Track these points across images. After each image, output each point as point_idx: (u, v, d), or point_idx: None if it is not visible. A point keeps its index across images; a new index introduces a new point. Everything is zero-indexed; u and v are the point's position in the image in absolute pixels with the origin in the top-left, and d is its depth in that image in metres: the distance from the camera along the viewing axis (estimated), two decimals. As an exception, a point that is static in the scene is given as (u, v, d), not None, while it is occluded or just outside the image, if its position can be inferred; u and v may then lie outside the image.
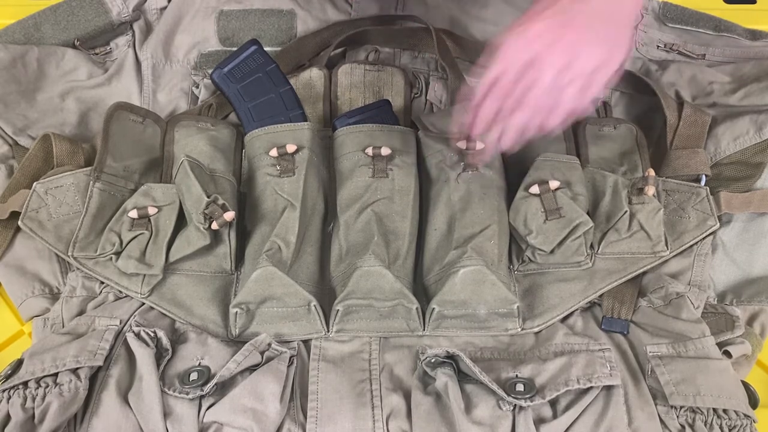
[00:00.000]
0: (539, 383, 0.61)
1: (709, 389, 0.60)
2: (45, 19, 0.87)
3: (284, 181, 0.72)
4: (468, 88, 0.79)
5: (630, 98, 0.86)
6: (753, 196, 0.74)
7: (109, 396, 0.61)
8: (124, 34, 0.90)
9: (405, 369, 0.65)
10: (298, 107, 0.80)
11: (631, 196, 0.70)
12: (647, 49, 0.90)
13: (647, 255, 0.70)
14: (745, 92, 0.84)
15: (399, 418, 0.61)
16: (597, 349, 0.64)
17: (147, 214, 0.70)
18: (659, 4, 0.91)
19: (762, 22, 0.93)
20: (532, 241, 0.68)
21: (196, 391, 0.60)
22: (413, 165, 0.75)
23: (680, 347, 0.63)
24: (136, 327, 0.64)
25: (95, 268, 0.69)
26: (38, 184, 0.73)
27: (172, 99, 0.86)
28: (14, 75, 0.83)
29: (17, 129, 0.80)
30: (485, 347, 0.66)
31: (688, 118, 0.78)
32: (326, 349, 0.66)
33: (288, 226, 0.68)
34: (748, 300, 0.71)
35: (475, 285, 0.64)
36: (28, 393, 0.60)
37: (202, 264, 0.70)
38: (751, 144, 0.77)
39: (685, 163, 0.76)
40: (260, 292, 0.64)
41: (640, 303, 0.68)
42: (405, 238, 0.70)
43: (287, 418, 0.61)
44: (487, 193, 0.71)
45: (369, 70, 0.85)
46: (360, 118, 0.78)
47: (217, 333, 0.67)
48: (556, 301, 0.68)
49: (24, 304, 0.71)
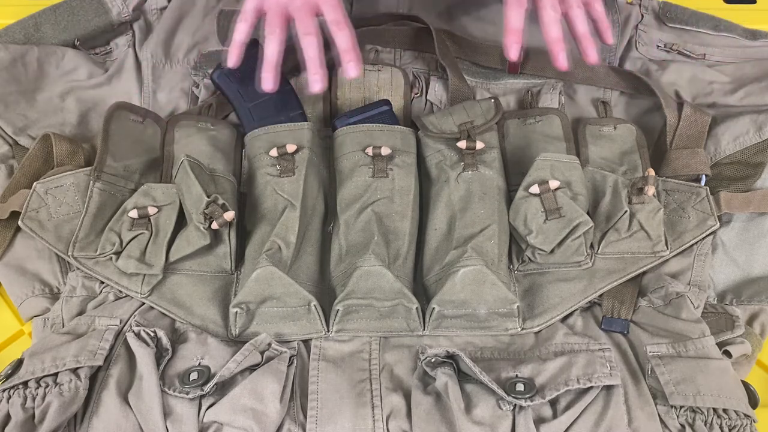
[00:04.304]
0: (539, 383, 0.61)
1: (709, 389, 0.60)
2: (45, 19, 0.87)
3: (284, 181, 0.72)
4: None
5: (630, 98, 0.86)
6: (753, 196, 0.74)
7: (109, 396, 0.61)
8: (124, 34, 0.90)
9: (405, 369, 0.65)
10: (298, 107, 0.80)
11: (631, 196, 0.70)
12: (647, 49, 0.90)
13: (647, 255, 0.70)
14: (745, 92, 0.84)
15: (399, 418, 0.61)
16: (597, 348, 0.64)
17: (147, 213, 0.70)
18: (659, 3, 0.91)
19: (762, 22, 0.93)
20: (532, 241, 0.68)
21: (196, 390, 0.60)
22: (413, 165, 0.75)
23: (680, 347, 0.63)
24: (136, 327, 0.64)
25: (95, 268, 0.69)
26: (38, 184, 0.73)
27: (172, 99, 0.86)
28: (14, 75, 0.83)
29: (17, 129, 0.80)
30: (485, 347, 0.66)
31: (688, 118, 0.78)
32: (326, 348, 0.66)
33: (288, 226, 0.68)
34: (748, 300, 0.71)
35: (475, 285, 0.64)
36: (28, 393, 0.60)
37: (202, 264, 0.70)
38: (751, 144, 0.77)
39: (685, 163, 0.76)
40: (260, 291, 0.64)
41: (640, 303, 0.68)
42: (405, 238, 0.70)
43: (287, 417, 0.61)
44: (487, 193, 0.71)
45: (369, 70, 0.84)
46: (360, 118, 0.78)
47: (217, 333, 0.67)
48: (556, 300, 0.68)
49: (24, 304, 0.71)
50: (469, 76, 0.87)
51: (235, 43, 0.74)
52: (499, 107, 0.78)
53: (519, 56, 0.73)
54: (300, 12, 0.72)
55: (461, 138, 0.74)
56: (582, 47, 0.75)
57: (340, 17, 0.72)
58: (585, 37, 0.75)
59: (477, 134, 0.75)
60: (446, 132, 0.76)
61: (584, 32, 0.74)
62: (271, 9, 0.73)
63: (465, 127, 0.75)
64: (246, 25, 0.74)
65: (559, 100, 0.84)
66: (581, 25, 0.74)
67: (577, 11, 0.74)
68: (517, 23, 0.72)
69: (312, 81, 0.72)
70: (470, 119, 0.77)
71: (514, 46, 0.72)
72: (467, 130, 0.75)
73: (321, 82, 0.72)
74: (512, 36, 0.72)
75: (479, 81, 0.88)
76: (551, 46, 0.73)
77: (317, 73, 0.72)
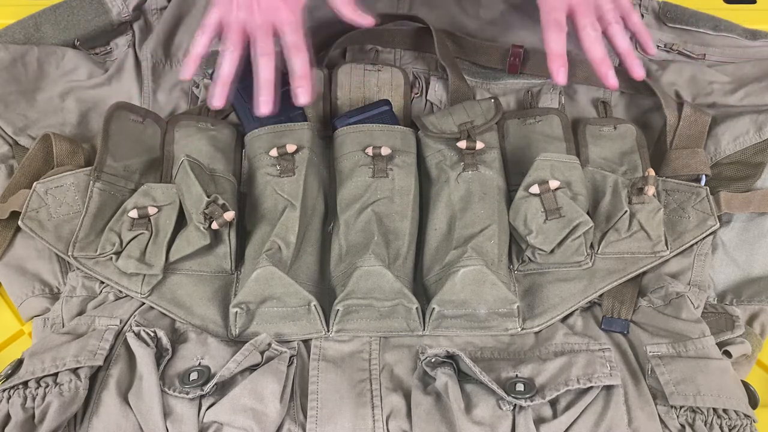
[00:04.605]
0: (539, 383, 0.61)
1: (709, 389, 0.60)
2: (45, 19, 0.87)
3: (284, 181, 0.72)
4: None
5: (630, 98, 0.86)
6: (753, 196, 0.74)
7: (109, 396, 0.61)
8: (124, 34, 0.90)
9: (405, 369, 0.65)
10: (298, 107, 0.80)
11: (631, 196, 0.70)
12: (647, 49, 0.90)
13: (647, 255, 0.70)
14: (745, 92, 0.84)
15: (399, 418, 0.61)
16: (597, 348, 0.64)
17: (147, 213, 0.70)
18: (659, 3, 0.91)
19: (762, 22, 0.93)
20: (532, 241, 0.68)
21: (196, 390, 0.60)
22: (413, 165, 0.75)
23: (680, 347, 0.63)
24: (136, 327, 0.64)
25: (95, 268, 0.69)
26: (38, 184, 0.73)
27: (172, 99, 0.86)
28: (14, 75, 0.83)
29: (17, 129, 0.80)
30: (485, 347, 0.66)
31: (688, 118, 0.78)
32: (326, 348, 0.66)
33: (288, 226, 0.68)
34: (748, 300, 0.71)
35: (475, 285, 0.64)
36: (28, 393, 0.60)
37: (202, 264, 0.70)
38: (751, 144, 0.77)
39: (685, 163, 0.76)
40: (260, 291, 0.64)
41: (640, 303, 0.68)
42: (405, 238, 0.70)
43: (287, 417, 0.61)
44: (487, 193, 0.71)
45: (369, 70, 0.84)
46: (360, 118, 0.78)
47: (217, 333, 0.67)
48: (556, 300, 0.68)
49: (24, 304, 0.71)
50: (469, 76, 0.87)
51: (191, 56, 0.73)
52: (499, 107, 0.79)
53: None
54: (259, 31, 0.71)
55: (461, 138, 0.74)
56: (627, 64, 0.74)
57: (298, 40, 0.71)
58: (629, 54, 0.74)
59: (477, 134, 0.75)
60: (446, 132, 0.76)
61: (627, 49, 0.74)
62: (230, 25, 0.71)
63: (465, 127, 0.75)
64: (205, 38, 0.73)
65: (559, 100, 0.84)
66: (622, 42, 0.74)
67: (616, 27, 0.73)
68: (559, 48, 0.71)
69: (260, 103, 0.71)
70: (470, 119, 0.77)
71: (561, 71, 0.72)
72: (467, 130, 0.75)
73: (267, 105, 0.71)
74: (557, 61, 0.72)
75: (479, 81, 0.88)
76: (598, 67, 0.72)
77: (265, 96, 0.71)
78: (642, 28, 0.77)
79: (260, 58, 0.71)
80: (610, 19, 0.73)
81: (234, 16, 0.71)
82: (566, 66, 0.72)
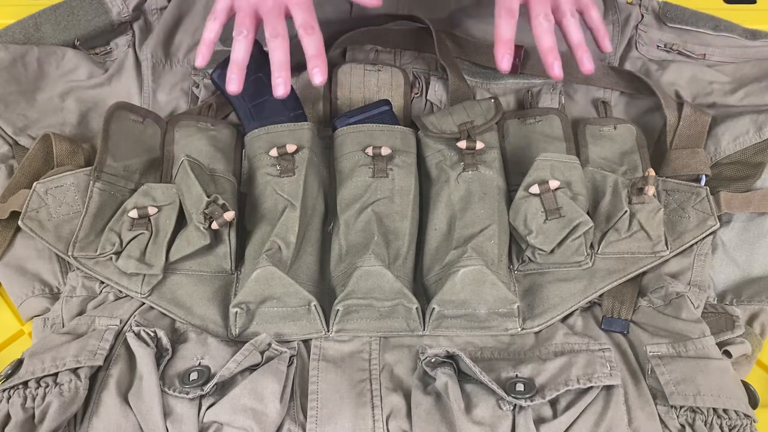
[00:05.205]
0: (539, 383, 0.61)
1: (709, 389, 0.60)
2: (45, 19, 0.87)
3: (284, 181, 0.72)
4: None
5: (630, 98, 0.86)
6: (753, 196, 0.74)
7: (109, 396, 0.61)
8: (124, 34, 0.90)
9: (405, 369, 0.65)
10: (298, 107, 0.80)
11: (631, 196, 0.70)
12: (647, 49, 0.90)
13: (647, 255, 0.70)
14: (745, 92, 0.84)
15: (399, 418, 0.61)
16: (597, 348, 0.64)
17: (147, 213, 0.70)
18: (659, 3, 0.91)
19: (762, 22, 0.93)
20: (532, 241, 0.68)
21: (196, 390, 0.60)
22: (413, 165, 0.75)
23: (680, 347, 0.63)
24: (136, 327, 0.64)
25: (95, 268, 0.69)
26: (38, 184, 0.73)
27: (172, 99, 0.86)
28: (14, 75, 0.83)
29: (17, 129, 0.80)
30: (485, 347, 0.66)
31: (688, 118, 0.78)
32: (326, 348, 0.66)
33: (288, 226, 0.68)
34: (748, 300, 0.71)
35: (475, 285, 0.64)
36: (28, 393, 0.60)
37: (202, 264, 0.70)
38: (751, 144, 0.77)
39: (685, 163, 0.76)
40: (260, 291, 0.64)
41: (640, 303, 0.68)
42: (405, 238, 0.70)
43: (287, 417, 0.61)
44: (487, 193, 0.71)
45: (369, 70, 0.84)
46: (360, 118, 0.78)
47: (217, 333, 0.67)
48: (556, 300, 0.68)
49: (24, 304, 0.71)
50: (469, 76, 0.87)
51: (204, 42, 0.73)
52: (499, 107, 0.78)
53: (514, 66, 0.71)
54: (270, 14, 0.71)
55: (461, 138, 0.74)
56: (577, 57, 0.74)
57: (311, 20, 0.71)
58: (579, 46, 0.73)
59: (477, 134, 0.75)
60: (446, 132, 0.76)
61: (578, 42, 0.73)
62: (242, 9, 0.71)
63: (465, 127, 0.75)
64: (216, 23, 0.73)
65: (559, 100, 0.84)
66: (575, 35, 0.73)
67: (570, 20, 0.73)
68: (507, 33, 0.71)
69: (275, 84, 0.71)
70: (470, 119, 0.77)
71: (506, 57, 0.71)
72: (467, 130, 0.75)
73: (284, 86, 0.71)
74: (503, 47, 0.71)
75: (479, 81, 0.88)
76: (544, 56, 0.72)
77: (280, 77, 0.70)
78: (599, 24, 0.76)
79: (273, 40, 0.71)
80: (565, 11, 0.73)
81: (245, 0, 0.71)
82: (512, 53, 0.71)
